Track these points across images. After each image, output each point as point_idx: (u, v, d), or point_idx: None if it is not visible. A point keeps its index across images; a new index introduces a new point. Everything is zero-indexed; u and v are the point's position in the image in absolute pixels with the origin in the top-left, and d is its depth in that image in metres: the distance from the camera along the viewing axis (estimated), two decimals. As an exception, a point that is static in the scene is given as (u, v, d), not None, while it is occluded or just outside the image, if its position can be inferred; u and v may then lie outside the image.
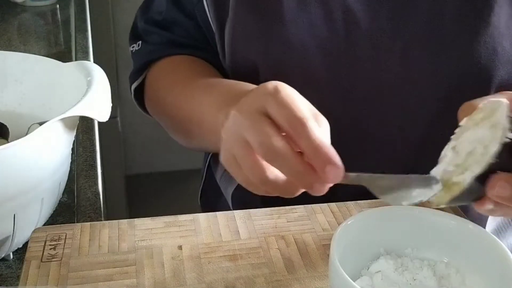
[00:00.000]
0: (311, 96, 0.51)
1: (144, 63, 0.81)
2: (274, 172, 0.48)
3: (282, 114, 0.47)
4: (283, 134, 0.47)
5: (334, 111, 0.70)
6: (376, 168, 0.71)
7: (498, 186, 0.45)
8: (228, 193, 0.82)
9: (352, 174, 0.47)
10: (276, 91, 0.48)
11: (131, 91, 0.84)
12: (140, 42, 0.82)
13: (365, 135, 0.70)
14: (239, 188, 0.80)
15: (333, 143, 0.72)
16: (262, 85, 0.51)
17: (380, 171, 0.71)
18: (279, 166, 0.47)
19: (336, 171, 0.46)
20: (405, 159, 0.71)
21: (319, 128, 0.47)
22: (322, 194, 0.48)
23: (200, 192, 0.93)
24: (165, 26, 0.80)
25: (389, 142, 0.71)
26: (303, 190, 0.49)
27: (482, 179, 0.45)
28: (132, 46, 0.83)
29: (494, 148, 0.45)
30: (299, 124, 0.46)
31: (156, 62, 0.80)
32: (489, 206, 0.47)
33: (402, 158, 0.71)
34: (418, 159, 0.71)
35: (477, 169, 0.45)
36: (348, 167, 0.75)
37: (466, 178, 0.46)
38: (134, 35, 0.83)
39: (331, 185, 0.47)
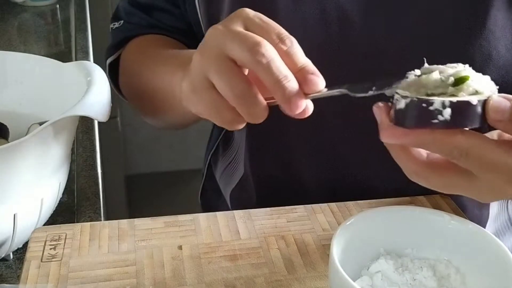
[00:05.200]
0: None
1: (121, 39, 0.82)
2: (255, 87, 0.47)
3: (269, 30, 0.47)
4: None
5: (328, 112, 0.70)
6: (373, 168, 0.71)
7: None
8: (226, 192, 0.82)
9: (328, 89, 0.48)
10: (257, 13, 0.49)
11: (105, 65, 0.84)
12: (122, 21, 0.83)
13: (363, 135, 0.70)
14: (237, 188, 0.80)
15: (327, 143, 0.72)
16: (239, 9, 0.50)
17: (378, 170, 0.72)
18: (267, 69, 0.45)
19: (318, 80, 0.47)
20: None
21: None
22: (296, 111, 0.47)
23: (200, 191, 0.93)
24: (148, 11, 0.81)
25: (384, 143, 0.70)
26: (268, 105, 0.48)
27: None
28: (113, 24, 0.84)
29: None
30: (288, 39, 0.47)
31: (132, 40, 0.81)
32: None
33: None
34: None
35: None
36: (345, 166, 0.75)
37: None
38: (116, 15, 0.85)
39: (305, 104, 0.47)
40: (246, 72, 0.49)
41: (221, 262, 0.56)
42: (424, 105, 0.43)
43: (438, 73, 0.46)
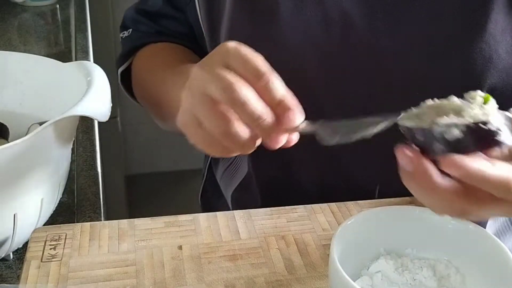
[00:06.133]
0: (307, 98, 0.51)
1: (131, 48, 0.83)
2: (236, 125, 0.48)
3: (246, 67, 0.48)
4: None
5: (329, 113, 0.69)
6: (373, 168, 0.71)
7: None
8: (227, 194, 0.82)
9: (309, 123, 0.49)
10: (237, 47, 0.49)
11: (117, 75, 0.85)
12: (130, 30, 0.84)
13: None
14: (238, 189, 0.80)
15: (328, 146, 0.72)
16: (221, 44, 0.51)
17: (378, 170, 0.72)
18: (242, 111, 0.47)
19: (295, 116, 0.47)
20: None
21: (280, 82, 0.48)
22: (276, 146, 0.48)
23: (200, 192, 0.93)
24: (154, 18, 0.82)
25: (385, 144, 0.71)
26: (259, 143, 0.50)
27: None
28: (122, 33, 0.85)
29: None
30: (264, 75, 0.47)
31: (142, 48, 0.82)
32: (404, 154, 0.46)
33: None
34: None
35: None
36: (345, 166, 0.75)
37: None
38: (124, 24, 0.86)
39: (285, 139, 0.49)
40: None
41: (221, 262, 0.56)
42: (483, 126, 0.43)
43: (455, 97, 0.46)
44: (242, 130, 0.48)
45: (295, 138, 0.50)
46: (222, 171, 0.84)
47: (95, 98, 0.59)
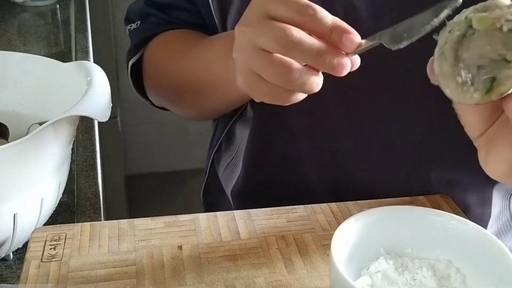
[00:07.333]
0: (311, 96, 0.51)
1: (141, 39, 0.82)
2: (297, 68, 0.48)
3: (287, 7, 0.48)
4: None
5: (333, 110, 0.70)
6: (374, 167, 0.71)
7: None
8: (228, 189, 0.83)
9: (365, 40, 0.48)
10: None
11: (127, 67, 0.84)
12: (139, 22, 0.83)
13: (365, 134, 0.71)
14: (237, 184, 0.80)
15: (332, 143, 0.72)
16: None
17: (378, 170, 0.72)
18: (300, 52, 0.47)
19: (353, 37, 0.48)
20: (404, 159, 0.71)
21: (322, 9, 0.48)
22: (344, 71, 0.48)
23: (202, 189, 0.93)
24: (165, 10, 0.82)
25: (388, 141, 0.71)
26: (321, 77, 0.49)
27: None
28: (130, 25, 0.84)
29: None
30: (310, 9, 0.47)
31: (152, 39, 0.81)
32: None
33: (401, 158, 0.71)
34: (417, 158, 0.71)
35: None
36: (346, 165, 0.75)
37: None
38: (129, 18, 0.85)
39: (349, 63, 0.48)
40: None
41: (221, 262, 0.56)
42: None
43: None
44: (304, 72, 0.48)
45: (357, 60, 0.50)
46: (224, 168, 0.84)
47: (95, 98, 0.59)
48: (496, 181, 0.74)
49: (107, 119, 0.59)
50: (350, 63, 0.48)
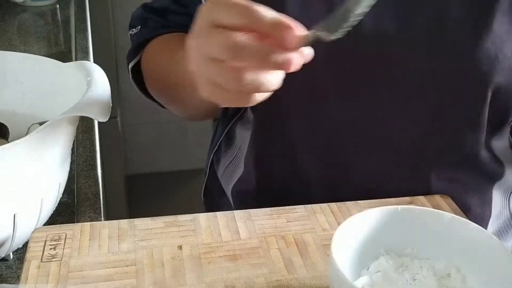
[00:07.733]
0: (312, 96, 0.51)
1: (140, 42, 0.83)
2: (248, 73, 0.48)
3: (230, 13, 0.48)
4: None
5: (334, 111, 0.70)
6: (374, 168, 0.72)
7: None
8: (228, 190, 0.83)
9: (309, 32, 0.48)
10: (209, 2, 0.49)
11: (128, 71, 0.86)
12: (139, 26, 0.84)
13: (365, 135, 0.71)
14: (238, 184, 0.80)
15: (333, 144, 0.72)
16: (199, 9, 0.51)
17: (378, 170, 0.72)
18: (246, 57, 0.47)
19: (294, 32, 0.46)
20: (404, 159, 0.71)
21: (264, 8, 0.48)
22: (291, 67, 0.47)
23: (203, 190, 0.93)
24: (162, 14, 0.83)
25: (389, 142, 0.71)
26: (278, 71, 0.49)
27: None
28: (131, 30, 0.86)
29: None
30: (249, 10, 0.47)
31: (150, 42, 0.83)
32: None
33: (401, 158, 0.71)
34: (417, 159, 0.71)
35: None
36: (346, 165, 0.75)
37: None
38: (132, 23, 0.86)
39: (300, 57, 0.48)
40: None
41: (221, 262, 0.56)
42: None
43: None
44: (257, 74, 0.48)
45: (307, 52, 0.48)
46: (224, 168, 0.84)
47: (95, 98, 0.59)
48: (496, 181, 0.74)
49: (107, 119, 0.59)
50: (299, 57, 0.47)
